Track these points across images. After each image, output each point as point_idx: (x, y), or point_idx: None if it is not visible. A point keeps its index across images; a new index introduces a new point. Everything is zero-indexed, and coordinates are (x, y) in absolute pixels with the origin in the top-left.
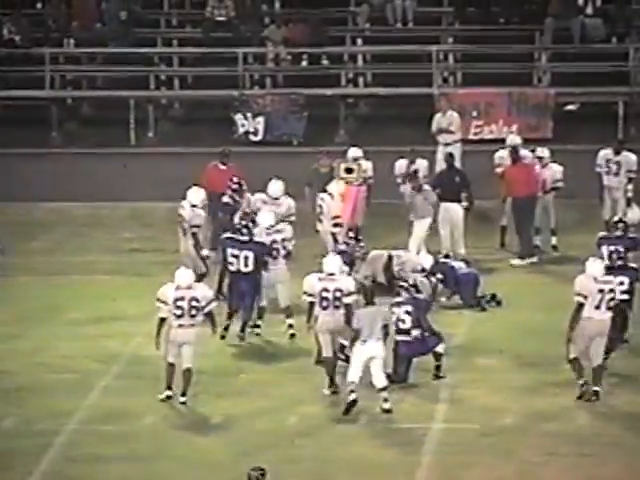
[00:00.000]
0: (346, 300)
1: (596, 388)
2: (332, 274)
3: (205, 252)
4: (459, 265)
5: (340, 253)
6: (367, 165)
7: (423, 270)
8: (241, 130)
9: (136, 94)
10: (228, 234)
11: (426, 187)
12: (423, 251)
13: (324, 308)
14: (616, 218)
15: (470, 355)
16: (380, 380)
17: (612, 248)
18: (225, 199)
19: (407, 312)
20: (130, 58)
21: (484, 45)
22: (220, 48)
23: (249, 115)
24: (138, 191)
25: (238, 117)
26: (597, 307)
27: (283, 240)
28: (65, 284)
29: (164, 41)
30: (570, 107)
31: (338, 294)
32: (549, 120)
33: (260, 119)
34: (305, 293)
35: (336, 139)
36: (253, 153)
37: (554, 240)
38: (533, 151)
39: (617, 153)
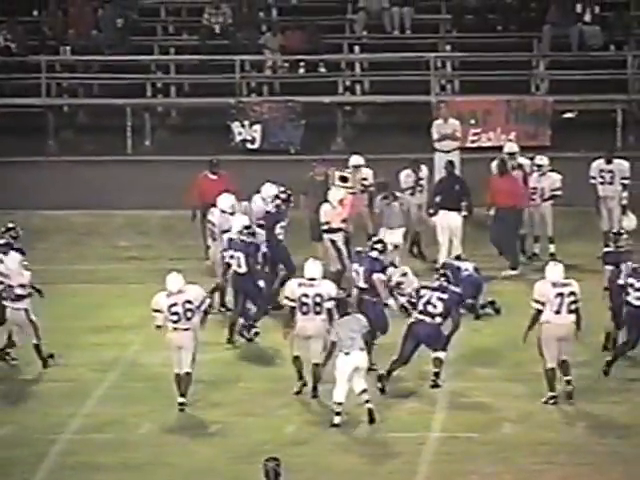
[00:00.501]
0: (327, 305)
1: (567, 378)
2: (312, 279)
3: None
4: (465, 266)
5: (373, 260)
6: (368, 173)
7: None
8: (238, 138)
9: (133, 102)
10: (231, 235)
11: (399, 194)
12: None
13: (304, 313)
14: (615, 230)
15: (468, 363)
16: (360, 385)
17: None
18: (269, 208)
19: (440, 299)
20: (127, 66)
21: (482, 53)
22: (217, 56)
23: (246, 123)
24: (135, 199)
25: (235, 125)
26: (557, 312)
27: None
28: (62, 292)
29: (161, 49)
30: (568, 115)
31: (318, 299)
32: (547, 128)
33: (257, 127)
34: (287, 298)
35: (333, 147)
36: (250, 161)
37: (552, 248)
38: (532, 159)
39: (609, 162)
